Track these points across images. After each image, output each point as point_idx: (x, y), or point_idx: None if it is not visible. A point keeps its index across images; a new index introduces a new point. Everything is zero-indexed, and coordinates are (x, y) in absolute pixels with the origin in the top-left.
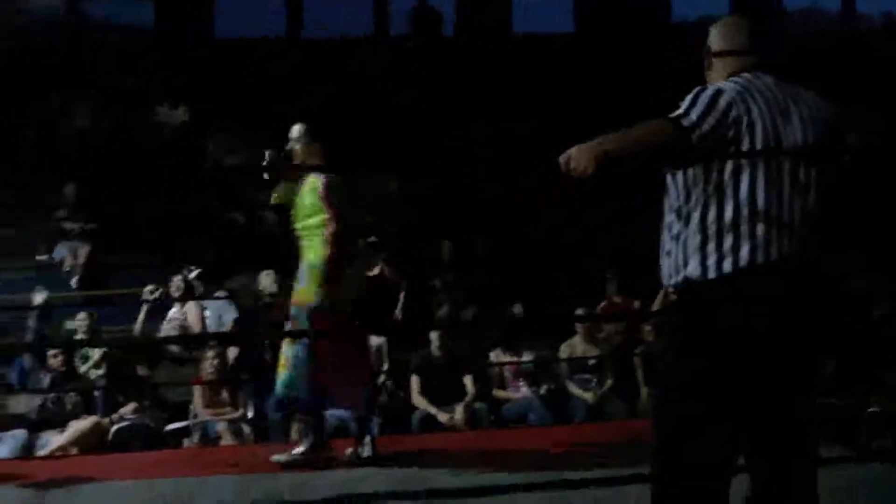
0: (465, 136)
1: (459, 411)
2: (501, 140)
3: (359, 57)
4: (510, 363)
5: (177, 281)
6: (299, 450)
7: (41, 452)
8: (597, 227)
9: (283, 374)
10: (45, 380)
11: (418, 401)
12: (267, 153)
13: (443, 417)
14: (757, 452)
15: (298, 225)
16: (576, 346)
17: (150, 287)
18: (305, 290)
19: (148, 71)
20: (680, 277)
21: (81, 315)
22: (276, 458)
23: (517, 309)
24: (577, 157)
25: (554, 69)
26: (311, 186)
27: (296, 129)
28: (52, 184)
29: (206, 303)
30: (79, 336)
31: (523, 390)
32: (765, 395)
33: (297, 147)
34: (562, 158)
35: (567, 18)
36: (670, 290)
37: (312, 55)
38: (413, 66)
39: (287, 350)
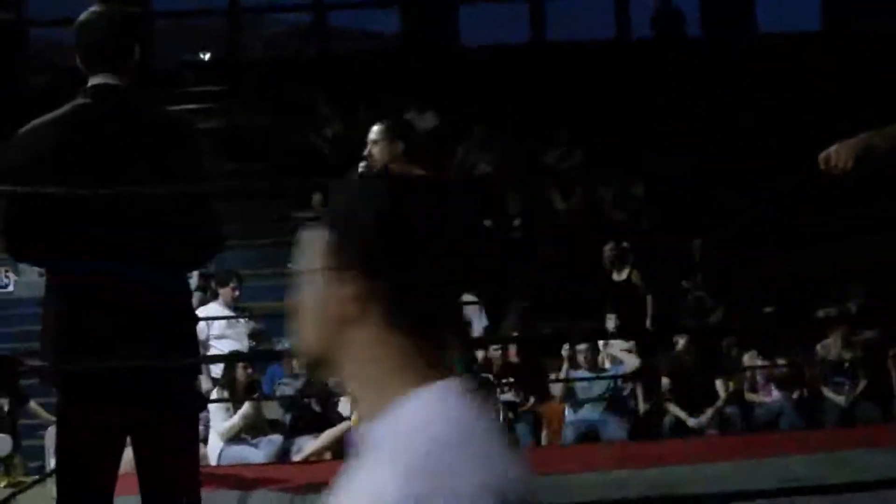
0: (710, 136)
1: (709, 415)
2: (745, 140)
3: (602, 60)
4: (763, 367)
5: None
6: None
7: (296, 457)
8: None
9: None
10: (292, 386)
11: (668, 405)
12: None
13: (693, 422)
14: None
15: None
16: (830, 348)
17: None
18: None
19: (395, 78)
20: None
21: None
22: None
23: (769, 310)
24: (837, 153)
25: (800, 68)
26: None
27: (375, 130)
28: (305, 192)
29: None
30: None
31: (775, 394)
32: None
33: (376, 150)
34: (822, 156)
35: (813, 16)
36: None
37: (556, 60)
38: (656, 68)
39: None
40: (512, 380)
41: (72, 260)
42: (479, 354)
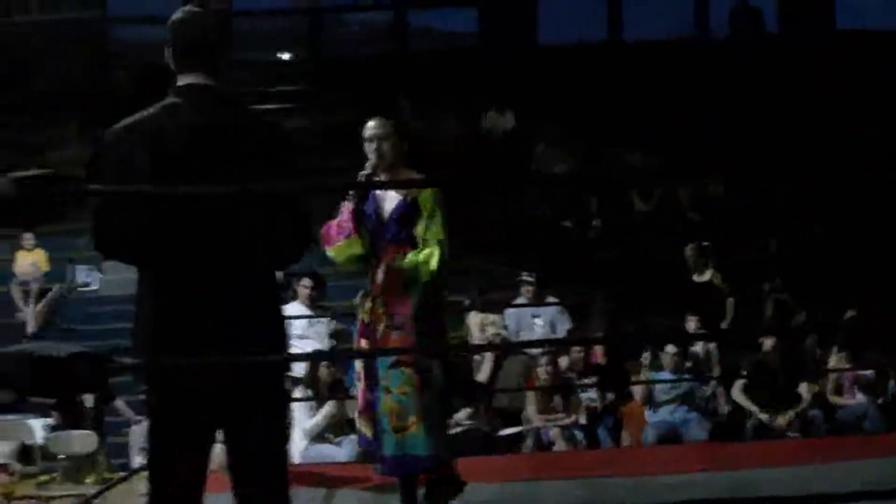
0: (792, 135)
1: (792, 417)
2: (829, 139)
3: (680, 59)
4: (848, 370)
5: (526, 286)
6: None
7: None
8: None
9: None
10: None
11: (746, 404)
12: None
13: (776, 423)
14: None
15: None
16: None
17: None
18: None
19: (474, 77)
20: None
21: None
22: None
23: (850, 314)
24: None
25: (879, 66)
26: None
27: (377, 125)
28: None
29: (540, 310)
30: None
31: (859, 396)
32: None
33: (386, 147)
34: None
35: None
36: None
37: (634, 58)
38: (735, 66)
39: None
40: (594, 380)
41: (163, 259)
42: (563, 359)
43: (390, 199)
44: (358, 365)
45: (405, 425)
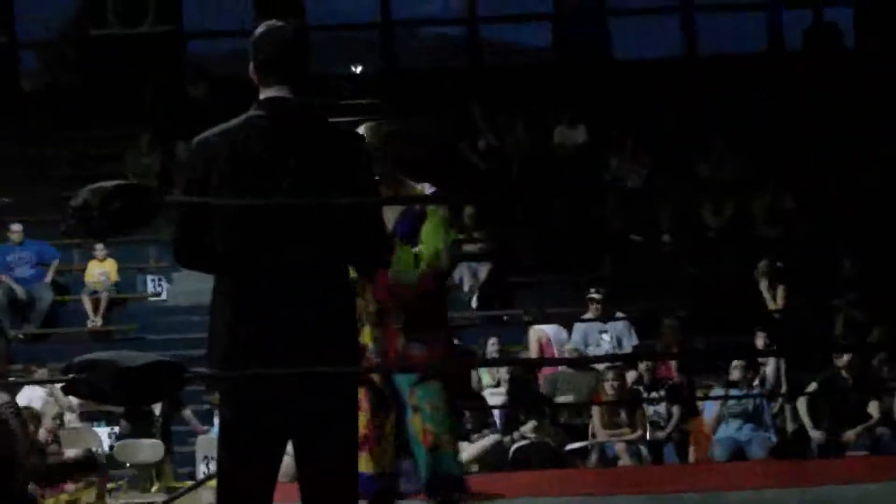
0: (868, 150)
1: (860, 433)
2: None
3: (753, 73)
4: None
5: (595, 303)
6: None
7: None
8: None
9: None
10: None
11: (807, 422)
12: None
13: (843, 441)
14: None
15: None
16: None
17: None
18: None
19: (547, 91)
20: None
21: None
22: None
23: None
24: None
25: None
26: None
27: (375, 128)
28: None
29: (607, 325)
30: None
31: None
32: None
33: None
34: None
35: None
36: None
37: (707, 73)
38: (808, 80)
39: None
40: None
41: (244, 268)
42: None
43: (392, 210)
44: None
45: (439, 443)
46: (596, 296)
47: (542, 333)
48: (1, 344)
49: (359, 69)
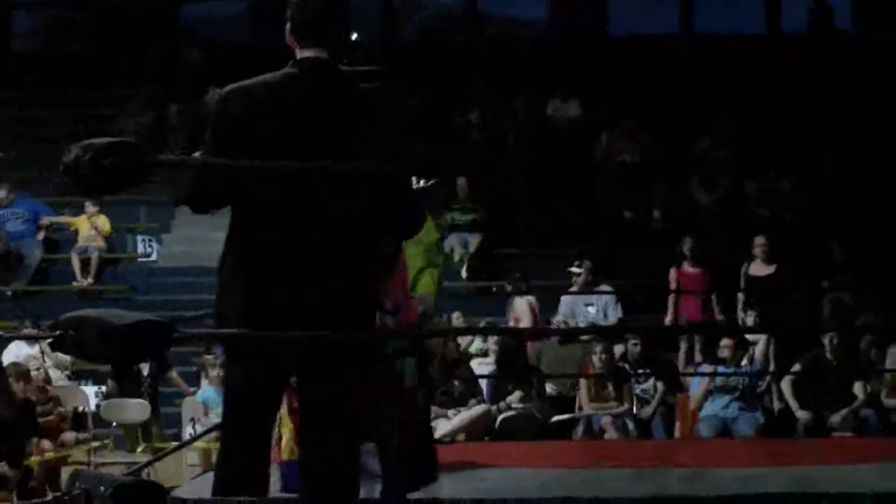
0: (865, 134)
1: (845, 416)
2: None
3: (751, 53)
4: None
5: (584, 273)
6: None
7: None
8: None
9: None
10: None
11: (791, 401)
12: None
13: (828, 422)
14: None
15: None
16: None
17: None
18: None
19: (542, 66)
20: None
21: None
22: None
23: None
24: None
25: None
26: None
27: None
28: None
29: (593, 297)
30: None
31: None
32: None
33: None
34: None
35: None
36: None
37: (705, 51)
38: (806, 61)
39: None
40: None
41: (262, 226)
42: (618, 347)
43: None
44: None
45: None
46: (577, 270)
47: (532, 301)
48: None
49: (354, 37)
